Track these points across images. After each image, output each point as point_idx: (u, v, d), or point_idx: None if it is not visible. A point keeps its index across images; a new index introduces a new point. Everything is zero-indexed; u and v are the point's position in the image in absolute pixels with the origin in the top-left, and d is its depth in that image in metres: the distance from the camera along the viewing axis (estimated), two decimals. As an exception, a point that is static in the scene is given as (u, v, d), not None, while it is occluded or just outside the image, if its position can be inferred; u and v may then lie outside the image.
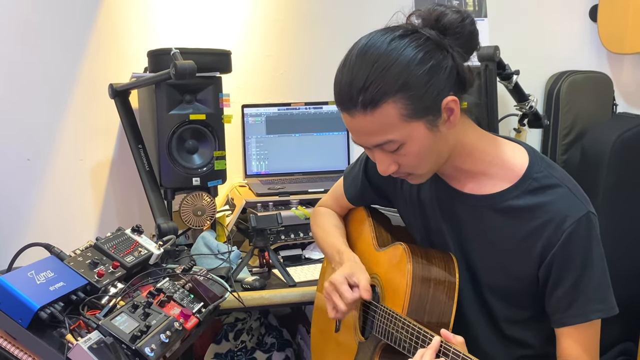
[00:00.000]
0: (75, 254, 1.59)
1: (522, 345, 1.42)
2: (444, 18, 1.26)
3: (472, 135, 1.35)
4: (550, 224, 1.28)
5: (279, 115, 2.51)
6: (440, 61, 1.24)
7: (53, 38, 2.30)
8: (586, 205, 1.29)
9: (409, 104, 1.22)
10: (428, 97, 1.23)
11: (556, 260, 1.28)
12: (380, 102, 1.22)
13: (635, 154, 2.60)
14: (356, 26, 2.64)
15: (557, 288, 1.30)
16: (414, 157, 1.29)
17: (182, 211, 2.07)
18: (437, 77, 1.23)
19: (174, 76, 1.84)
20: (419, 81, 1.22)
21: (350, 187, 1.69)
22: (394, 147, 1.27)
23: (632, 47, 2.61)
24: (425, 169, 1.34)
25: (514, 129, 2.60)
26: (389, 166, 1.32)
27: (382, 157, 1.31)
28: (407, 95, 1.21)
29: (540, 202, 1.29)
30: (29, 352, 1.32)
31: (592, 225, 1.28)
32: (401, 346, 1.33)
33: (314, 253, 2.21)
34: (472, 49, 1.29)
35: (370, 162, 1.62)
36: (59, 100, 2.34)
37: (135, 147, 2.13)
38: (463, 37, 1.26)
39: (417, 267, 1.38)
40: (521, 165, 1.33)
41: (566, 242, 1.26)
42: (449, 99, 1.25)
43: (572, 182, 1.34)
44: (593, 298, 1.28)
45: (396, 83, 1.21)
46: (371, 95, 1.22)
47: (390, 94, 1.21)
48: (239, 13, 2.49)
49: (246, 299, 1.88)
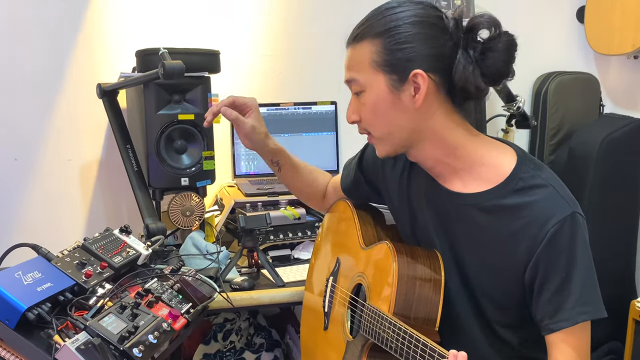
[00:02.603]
0: (63, 255, 1.58)
1: (512, 348, 1.41)
2: (474, 20, 1.30)
3: (459, 133, 1.36)
4: (535, 223, 1.28)
5: (268, 115, 2.51)
6: (434, 38, 1.28)
7: (40, 37, 2.29)
8: (572, 206, 1.28)
9: (382, 52, 1.30)
10: (400, 56, 1.29)
11: (541, 262, 1.27)
12: (362, 39, 1.34)
13: (622, 154, 2.63)
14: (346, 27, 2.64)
15: (543, 291, 1.29)
16: (370, 110, 1.36)
17: (171, 211, 2.07)
18: (420, 46, 1.29)
19: (163, 76, 1.83)
20: (400, 37, 1.29)
21: (347, 177, 1.72)
22: (357, 88, 1.37)
23: (619, 48, 2.63)
24: (380, 132, 1.38)
25: (502, 129, 2.62)
26: (352, 113, 1.41)
27: (352, 102, 1.41)
28: (384, 42, 1.30)
29: (525, 202, 1.29)
30: (16, 354, 1.32)
31: (577, 225, 1.27)
32: (388, 346, 1.33)
33: (302, 253, 2.21)
34: (493, 70, 1.29)
35: (365, 156, 1.65)
36: (46, 99, 2.33)
37: (124, 147, 2.12)
38: (490, 52, 1.28)
39: (402, 265, 1.38)
40: (508, 165, 1.34)
41: (550, 242, 1.26)
42: (418, 71, 1.28)
43: (559, 182, 1.34)
44: (579, 300, 1.27)
45: (382, 27, 1.31)
46: (361, 30, 1.35)
47: (372, 34, 1.32)
48: (227, 13, 2.49)
49: (235, 300, 1.88)
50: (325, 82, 2.60)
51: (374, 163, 1.62)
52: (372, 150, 1.60)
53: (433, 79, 1.29)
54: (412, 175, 1.50)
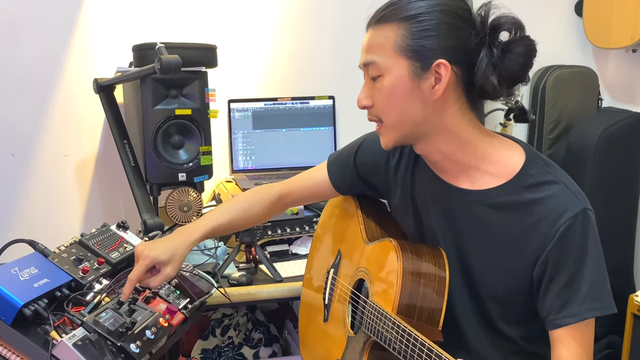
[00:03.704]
0: (60, 250, 1.57)
1: (517, 344, 1.40)
2: (499, 20, 1.28)
3: (470, 131, 1.33)
4: (546, 219, 1.26)
5: (265, 110, 2.51)
6: (461, 30, 1.26)
7: (37, 32, 2.28)
8: (583, 202, 1.27)
9: (407, 37, 1.26)
10: (426, 44, 1.26)
11: (551, 257, 1.26)
12: (387, 22, 1.29)
13: (620, 148, 2.62)
14: (342, 22, 2.66)
15: (551, 287, 1.27)
16: (385, 96, 1.31)
17: (168, 207, 2.06)
18: (446, 36, 1.26)
19: (159, 71, 1.83)
20: (428, 24, 1.26)
21: (337, 175, 1.65)
22: (375, 72, 1.31)
23: (617, 41, 2.62)
24: (392, 120, 1.34)
25: (500, 123, 2.61)
26: (365, 98, 1.35)
27: (365, 86, 1.36)
28: (410, 27, 1.26)
29: (536, 198, 1.28)
30: (13, 349, 1.31)
31: (588, 221, 1.26)
32: (391, 347, 1.32)
33: (300, 248, 2.20)
34: (511, 73, 1.28)
35: (359, 153, 1.60)
36: (43, 95, 2.32)
37: (121, 143, 2.11)
38: (510, 54, 1.27)
39: (407, 263, 1.37)
40: (518, 162, 1.32)
41: (561, 239, 1.25)
42: (442, 61, 1.25)
43: (569, 179, 1.32)
44: (588, 296, 1.25)
45: (409, 12, 1.27)
46: (386, 12, 1.29)
47: (398, 18, 1.27)
48: (224, 8, 2.48)
49: (233, 295, 1.87)
50: (323, 77, 2.60)
51: (373, 160, 1.57)
52: (370, 146, 1.57)
53: (455, 72, 1.27)
54: (415, 173, 1.47)
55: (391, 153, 1.52)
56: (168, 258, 1.48)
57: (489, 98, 1.32)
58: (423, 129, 1.33)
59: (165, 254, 1.48)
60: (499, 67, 1.27)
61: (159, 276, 1.48)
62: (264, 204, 1.68)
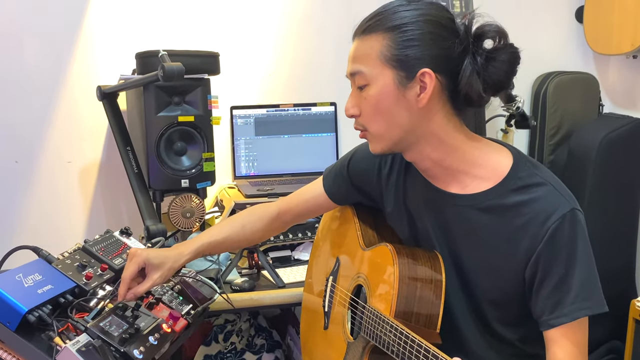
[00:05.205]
0: (64, 257, 1.58)
1: (513, 345, 1.41)
2: (482, 28, 1.30)
3: (457, 137, 1.36)
4: (535, 221, 1.28)
5: (267, 116, 2.52)
6: (445, 39, 1.28)
7: (40, 40, 2.29)
8: (571, 202, 1.29)
9: (392, 47, 1.29)
10: (410, 53, 1.28)
11: (542, 258, 1.28)
12: (372, 32, 1.31)
13: (621, 153, 2.63)
14: (344, 29, 2.65)
15: (543, 287, 1.29)
16: (372, 105, 1.33)
17: (171, 213, 2.07)
18: (430, 45, 1.28)
19: (162, 78, 1.84)
20: (413, 33, 1.28)
21: (332, 185, 1.67)
22: (361, 81, 1.33)
23: (618, 47, 2.63)
24: (378, 129, 1.35)
25: (501, 129, 2.62)
26: (352, 107, 1.37)
27: (352, 95, 1.38)
28: (395, 37, 1.29)
29: (525, 200, 1.30)
30: (17, 356, 1.32)
31: (577, 221, 1.28)
32: (390, 350, 1.33)
33: (303, 254, 2.21)
34: (495, 80, 1.30)
35: (352, 162, 1.62)
36: (46, 102, 2.33)
37: (124, 149, 2.12)
38: (494, 61, 1.28)
39: (403, 267, 1.38)
40: (505, 165, 1.34)
41: (551, 239, 1.27)
42: (426, 70, 1.27)
43: (557, 180, 1.34)
44: (579, 295, 1.27)
45: (394, 22, 1.29)
46: (371, 23, 1.32)
47: (383, 28, 1.30)
48: (227, 15, 2.49)
49: (235, 301, 1.88)
50: (325, 84, 2.60)
51: (365, 168, 1.59)
52: (362, 155, 1.59)
53: (439, 80, 1.29)
54: (407, 180, 1.49)
55: (383, 161, 1.54)
56: (159, 263, 1.52)
57: (474, 105, 1.34)
58: (411, 137, 1.35)
59: (157, 259, 1.52)
60: (483, 75, 1.29)
61: (146, 281, 1.50)
62: (262, 222, 1.70)
